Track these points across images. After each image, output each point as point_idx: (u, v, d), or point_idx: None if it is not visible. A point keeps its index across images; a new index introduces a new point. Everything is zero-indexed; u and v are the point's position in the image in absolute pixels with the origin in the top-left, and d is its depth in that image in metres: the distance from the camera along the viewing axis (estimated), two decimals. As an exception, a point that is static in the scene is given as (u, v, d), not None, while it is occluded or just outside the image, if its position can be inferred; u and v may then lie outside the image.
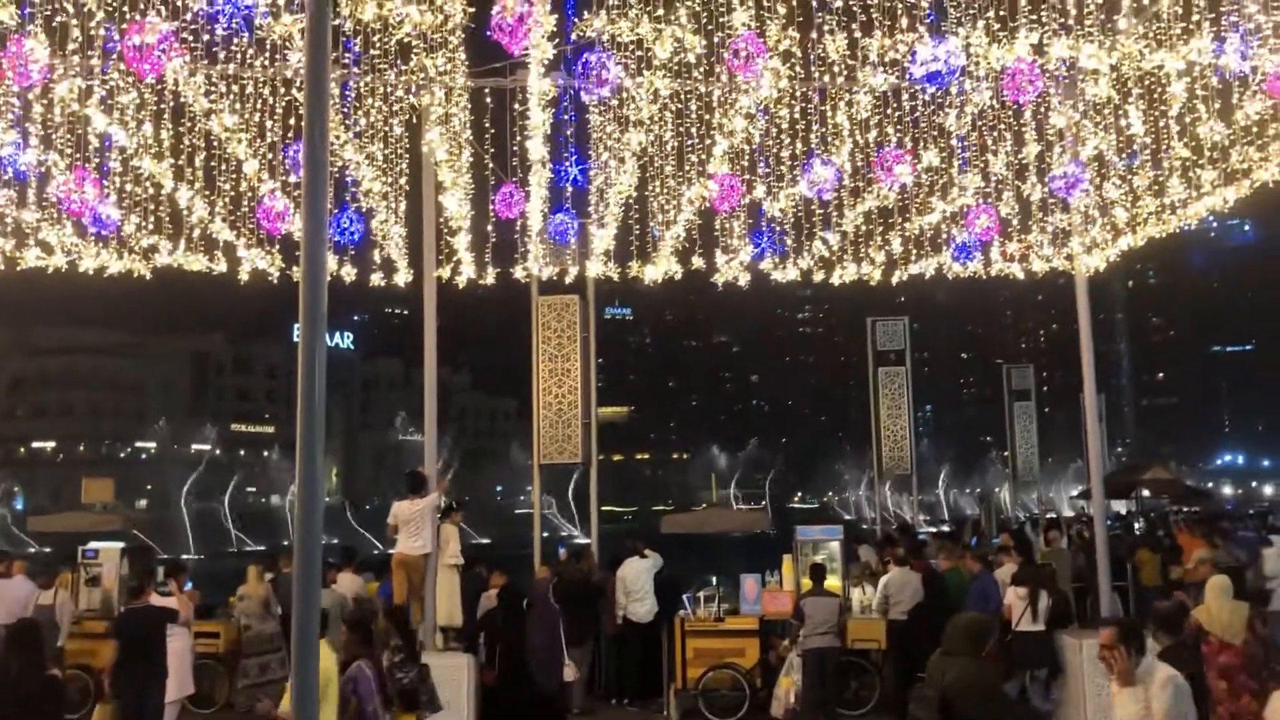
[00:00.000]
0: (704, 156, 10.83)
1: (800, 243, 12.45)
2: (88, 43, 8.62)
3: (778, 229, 12.18)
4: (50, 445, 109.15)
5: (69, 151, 10.29)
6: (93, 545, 15.60)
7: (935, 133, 10.80)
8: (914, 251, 12.89)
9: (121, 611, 12.48)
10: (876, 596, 14.14)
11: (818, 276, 13.10)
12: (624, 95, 10.07)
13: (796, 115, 10.59)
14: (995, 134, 11.13)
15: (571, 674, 11.35)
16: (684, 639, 13.95)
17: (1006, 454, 34.24)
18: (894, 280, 13.29)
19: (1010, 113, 10.99)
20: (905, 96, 10.51)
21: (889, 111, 10.48)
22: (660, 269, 13.33)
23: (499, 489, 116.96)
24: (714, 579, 15.19)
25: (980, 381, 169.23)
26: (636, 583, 14.79)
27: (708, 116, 10.58)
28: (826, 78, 9.51)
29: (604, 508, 18.27)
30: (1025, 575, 13.05)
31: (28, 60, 8.10)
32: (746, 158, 11.02)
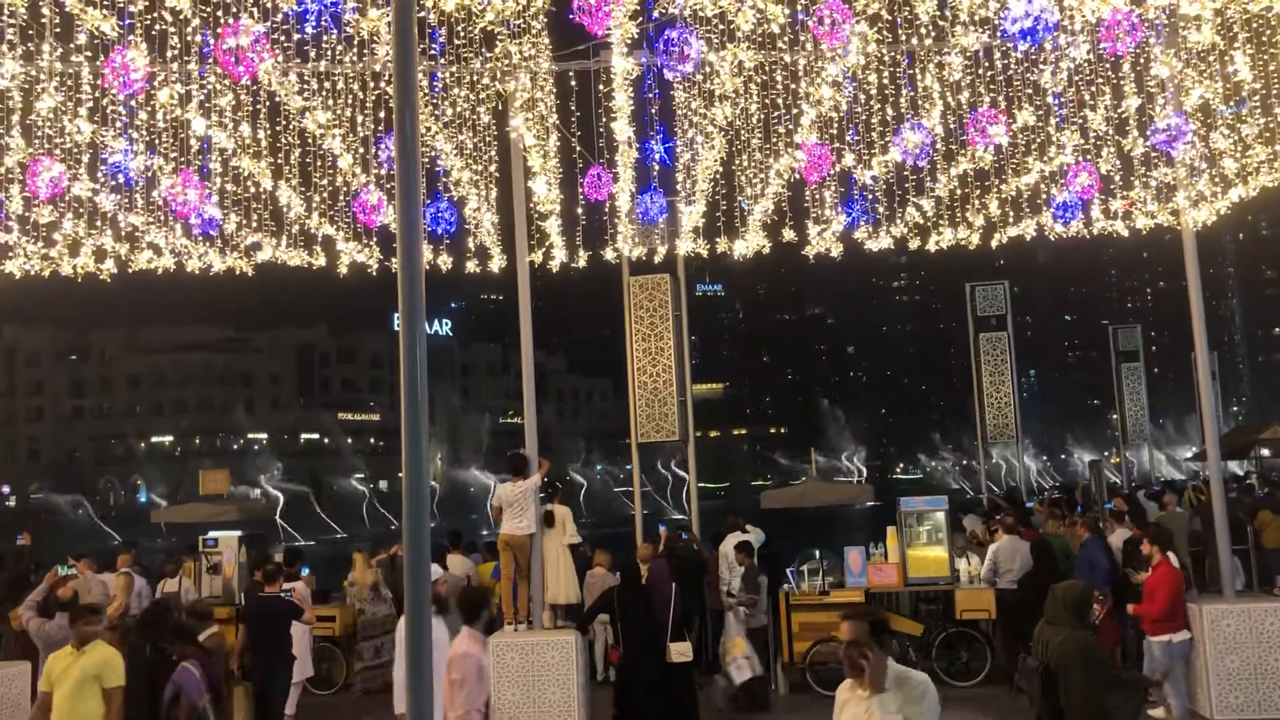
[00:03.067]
0: (791, 127, 10.71)
1: (893, 210, 12.26)
2: (185, 49, 8.87)
3: (870, 197, 12.01)
4: (168, 439, 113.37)
5: (172, 155, 10.62)
6: (212, 534, 16.19)
7: (1030, 91, 10.50)
8: (1012, 213, 12.59)
9: (250, 599, 12.93)
10: (985, 566, 13.93)
11: (913, 244, 12.88)
12: (707, 70, 10.01)
13: (885, 80, 10.40)
14: (1093, 89, 10.78)
15: (681, 655, 11.41)
16: (789, 613, 13.91)
17: (1115, 416, 33.31)
18: (993, 244, 13.00)
19: (1108, 66, 10.63)
20: (997, 55, 10.24)
21: (981, 71, 10.22)
22: (750, 244, 13.27)
23: (598, 469, 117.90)
24: (817, 552, 15.09)
25: (1085, 344, 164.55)
26: (735, 560, 14.76)
27: (793, 86, 10.45)
28: (915, 40, 9.32)
29: (699, 484, 18.29)
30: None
31: (129, 69, 8.37)
32: (835, 126, 10.88)
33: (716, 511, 21.15)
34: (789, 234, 12.68)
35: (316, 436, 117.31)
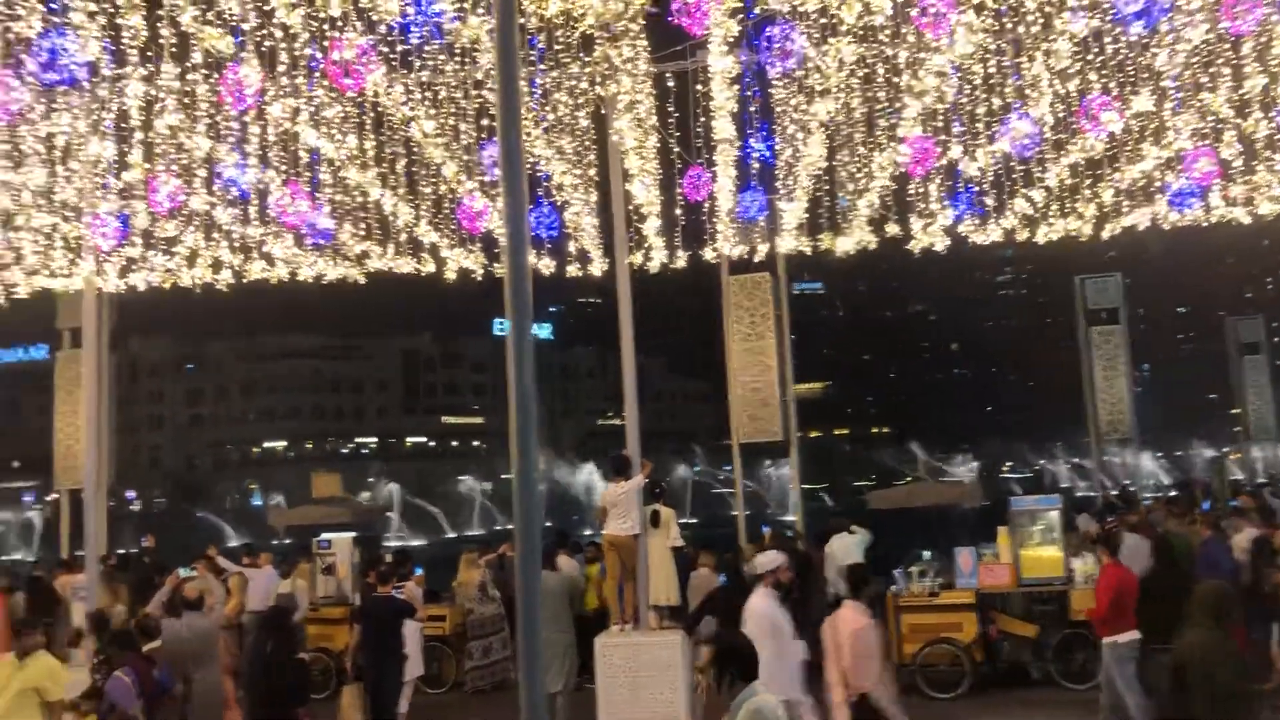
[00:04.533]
0: (895, 121, 10.55)
1: (1001, 202, 11.98)
2: (294, 63, 9.12)
3: (976, 189, 11.75)
4: (281, 444, 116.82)
5: (283, 168, 10.94)
6: (326, 536, 16.59)
7: (1144, 75, 10.14)
8: (1126, 202, 12.19)
9: (364, 600, 13.23)
10: (1102, 566, 13.49)
11: (1021, 235, 12.57)
12: (809, 66, 9.92)
13: (990, 69, 10.17)
14: (1212, 70, 10.37)
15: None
16: (898, 614, 13.69)
17: (1236, 412, 32.04)
18: (1104, 234, 12.61)
19: (1228, 45, 10.22)
20: (1108, 39, 9.92)
21: (1091, 57, 9.92)
22: (853, 240, 13.11)
23: (696, 469, 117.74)
24: (925, 553, 14.81)
25: (1201, 336, 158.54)
26: (847, 559, 14.59)
27: (896, 79, 10.29)
28: (1021, 27, 9.10)
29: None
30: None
31: (243, 85, 8.64)
32: (940, 118, 10.67)
33: (818, 512, 20.95)
34: (893, 229, 12.50)
35: (423, 440, 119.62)
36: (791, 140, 11.36)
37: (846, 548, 14.74)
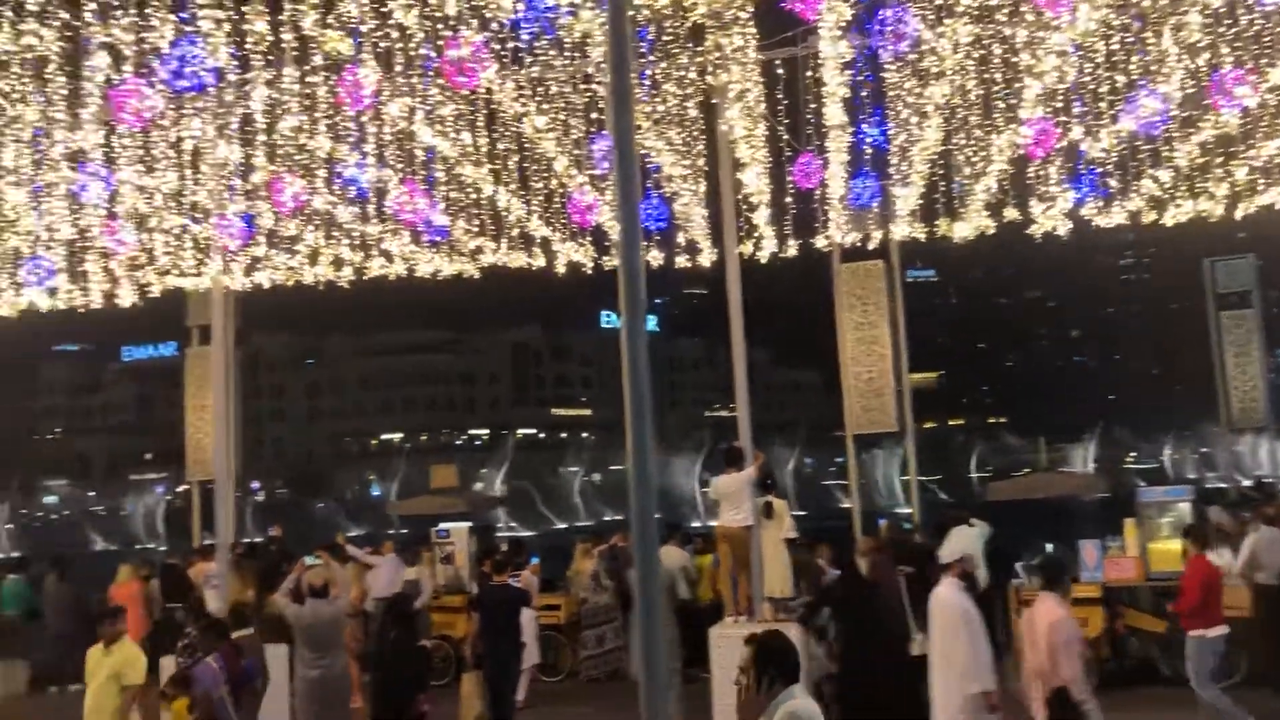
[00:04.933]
0: (1014, 102, 10.26)
1: (1126, 183, 11.55)
2: (409, 63, 9.29)
3: (1100, 171, 11.35)
4: (398, 437, 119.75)
5: (400, 166, 11.17)
6: (443, 526, 16.92)
7: (1281, 46, 9.66)
8: (1261, 180, 11.63)
9: (481, 588, 13.45)
10: (1240, 559, 12.93)
11: (1148, 218, 12.10)
12: (923, 48, 9.71)
13: (1115, 46, 9.80)
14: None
15: (919, 647, 11.15)
16: (1019, 609, 13.34)
17: (1383, 399, 30.35)
18: (1238, 214, 12.06)
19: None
20: (1241, 10, 9.46)
21: (1223, 29, 9.47)
22: (971, 225, 12.80)
23: (807, 461, 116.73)
24: (1048, 546, 14.42)
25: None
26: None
27: (1015, 60, 9.99)
28: (1148, 1, 8.75)
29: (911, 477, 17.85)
30: None
31: (361, 86, 8.84)
32: (1060, 98, 10.33)
33: (932, 504, 20.56)
34: (1012, 213, 12.17)
35: (533, 431, 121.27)
36: (905, 125, 11.14)
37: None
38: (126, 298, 13.53)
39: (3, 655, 16.85)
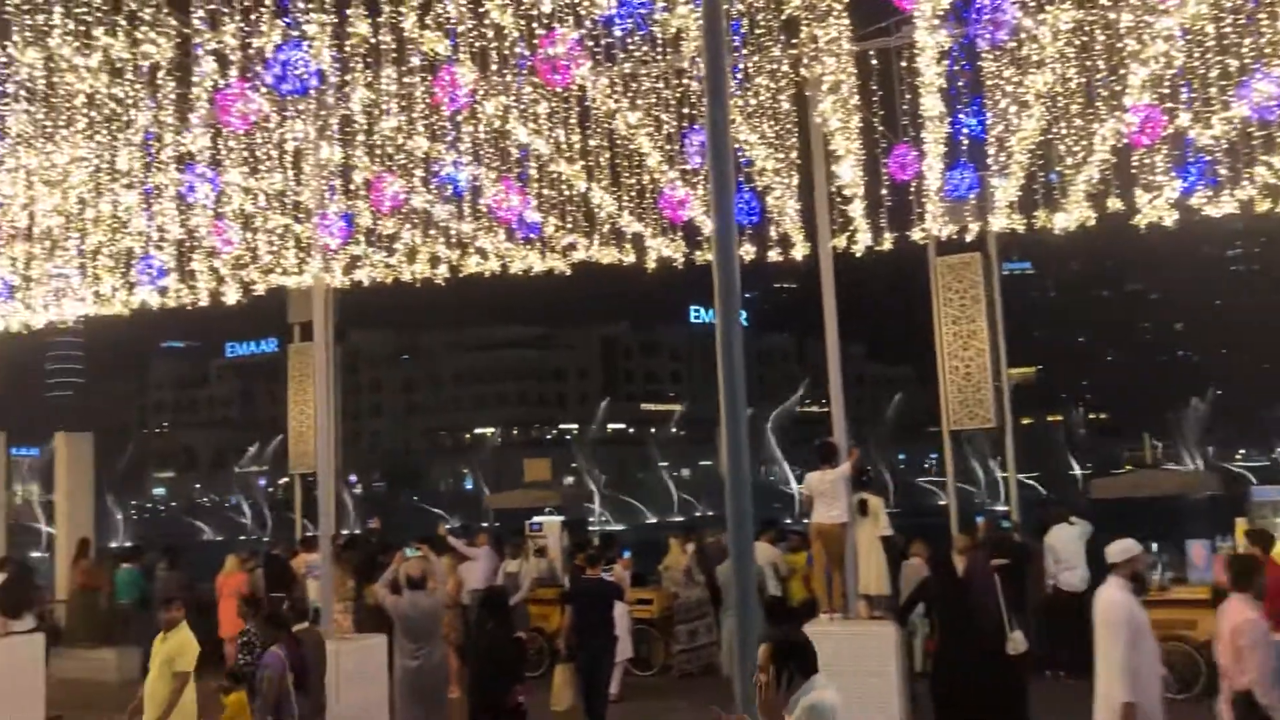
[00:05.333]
0: (1118, 89, 9.97)
1: (1237, 171, 11.13)
2: (504, 61, 9.39)
3: (1209, 159, 10.97)
4: (490, 431, 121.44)
5: (495, 164, 11.31)
6: (537, 519, 17.10)
7: None
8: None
9: (574, 582, 13.59)
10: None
11: (1261, 206, 11.65)
12: (1022, 36, 9.50)
13: (1225, 30, 9.45)
14: None
15: (1022, 645, 10.95)
16: (1124, 610, 12.99)
17: None
18: (1360, 201, 11.56)
19: None
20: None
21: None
22: (1072, 216, 12.48)
23: (901, 457, 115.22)
24: (1154, 545, 14.00)
25: None
26: (1066, 550, 14.01)
27: (1119, 45, 9.71)
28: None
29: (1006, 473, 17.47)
30: None
31: (457, 85, 8.98)
32: (1167, 84, 10.01)
33: (1030, 502, 20.10)
34: (1115, 203, 11.83)
35: (622, 426, 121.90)
36: (1004, 114, 10.90)
37: (1066, 539, 14.12)
38: (231, 296, 13.96)
39: (118, 642, 17.50)
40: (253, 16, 8.03)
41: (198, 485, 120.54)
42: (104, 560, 19.33)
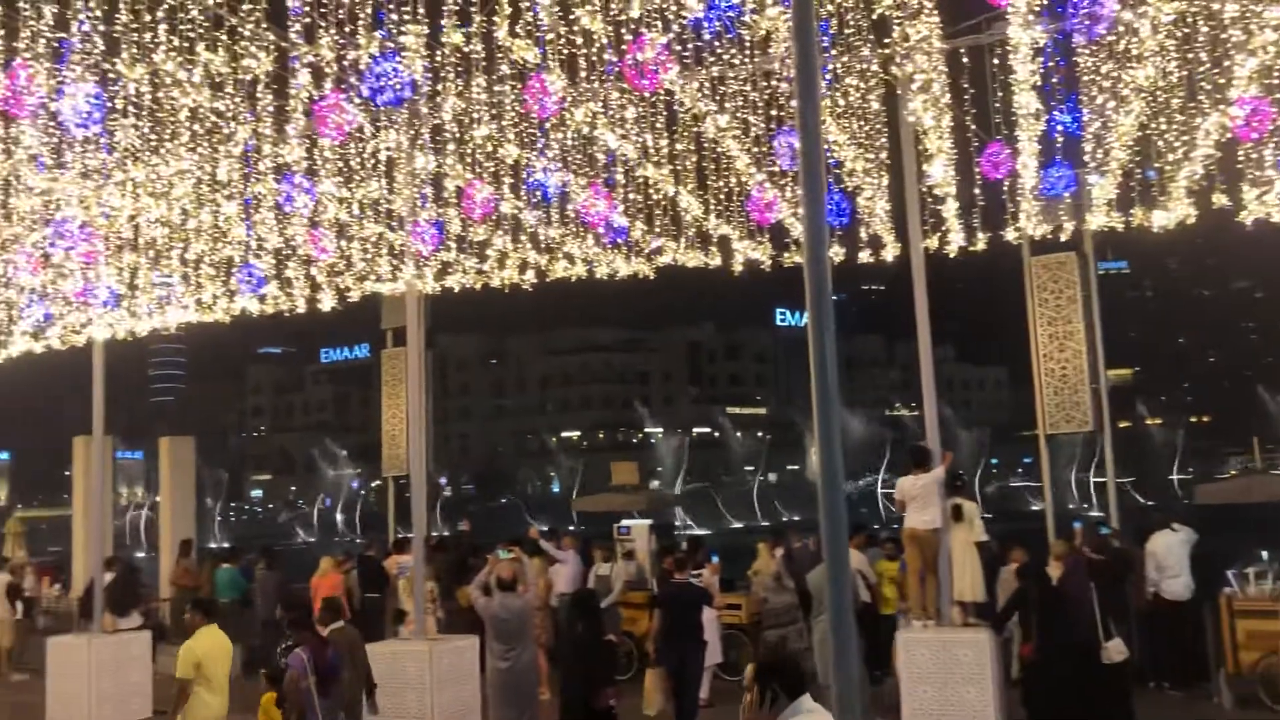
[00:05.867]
0: (1222, 81, 9.64)
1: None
2: (592, 67, 9.45)
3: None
4: (575, 434, 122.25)
5: (584, 169, 11.39)
6: (625, 523, 17.14)
7: None
8: None
9: (662, 586, 13.59)
10: None
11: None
12: (1120, 30, 9.25)
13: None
14: None
15: (1120, 653, 10.68)
16: (1232, 620, 12.57)
17: None
18: None
19: None
20: None
21: None
22: (1173, 213, 12.11)
23: (994, 461, 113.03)
24: (1264, 554, 13.50)
25: None
26: (1169, 558, 13.57)
27: (1224, 36, 9.39)
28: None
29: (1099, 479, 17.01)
30: None
31: (546, 92, 9.05)
32: (1277, 75, 9.65)
33: (1129, 508, 19.51)
34: (1219, 199, 11.45)
35: (707, 430, 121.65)
36: (1101, 110, 10.63)
37: (1169, 546, 13.69)
38: (327, 302, 14.29)
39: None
40: (348, 29, 8.21)
41: (293, 488, 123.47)
42: (204, 560, 19.91)
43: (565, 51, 9.07)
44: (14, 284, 13.57)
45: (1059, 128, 11.18)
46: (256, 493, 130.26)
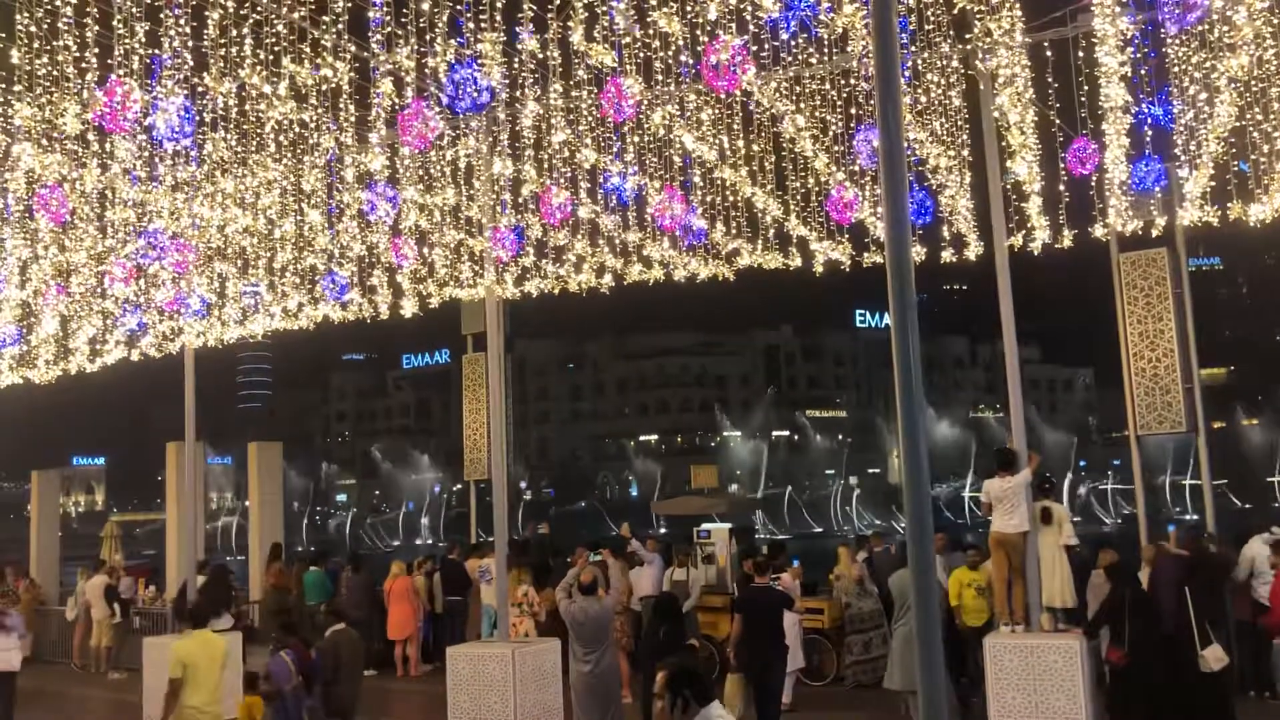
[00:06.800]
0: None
1: None
2: (668, 70, 9.44)
3: None
4: (653, 438, 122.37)
5: (660, 172, 11.39)
6: (705, 526, 17.07)
7: None
8: None
9: (742, 589, 13.50)
10: None
11: None
12: (1214, 19, 8.97)
13: None
14: None
15: (1218, 660, 10.34)
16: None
17: None
18: None
19: None
20: None
21: None
22: (1268, 207, 11.69)
23: (1083, 464, 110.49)
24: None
25: None
26: (1266, 563, 13.11)
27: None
28: None
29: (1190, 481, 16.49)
30: None
31: (623, 96, 9.06)
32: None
33: (1224, 511, 18.90)
34: (1320, 192, 11.03)
35: (786, 434, 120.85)
36: (1193, 102, 10.31)
37: (1266, 552, 13.21)
38: (408, 309, 14.49)
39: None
40: (427, 37, 8.31)
41: (377, 492, 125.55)
42: (293, 563, 20.33)
43: (641, 55, 9.08)
44: (110, 294, 14.00)
45: (1149, 120, 10.89)
46: (341, 497, 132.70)
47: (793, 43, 9.37)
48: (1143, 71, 10.17)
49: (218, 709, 9.70)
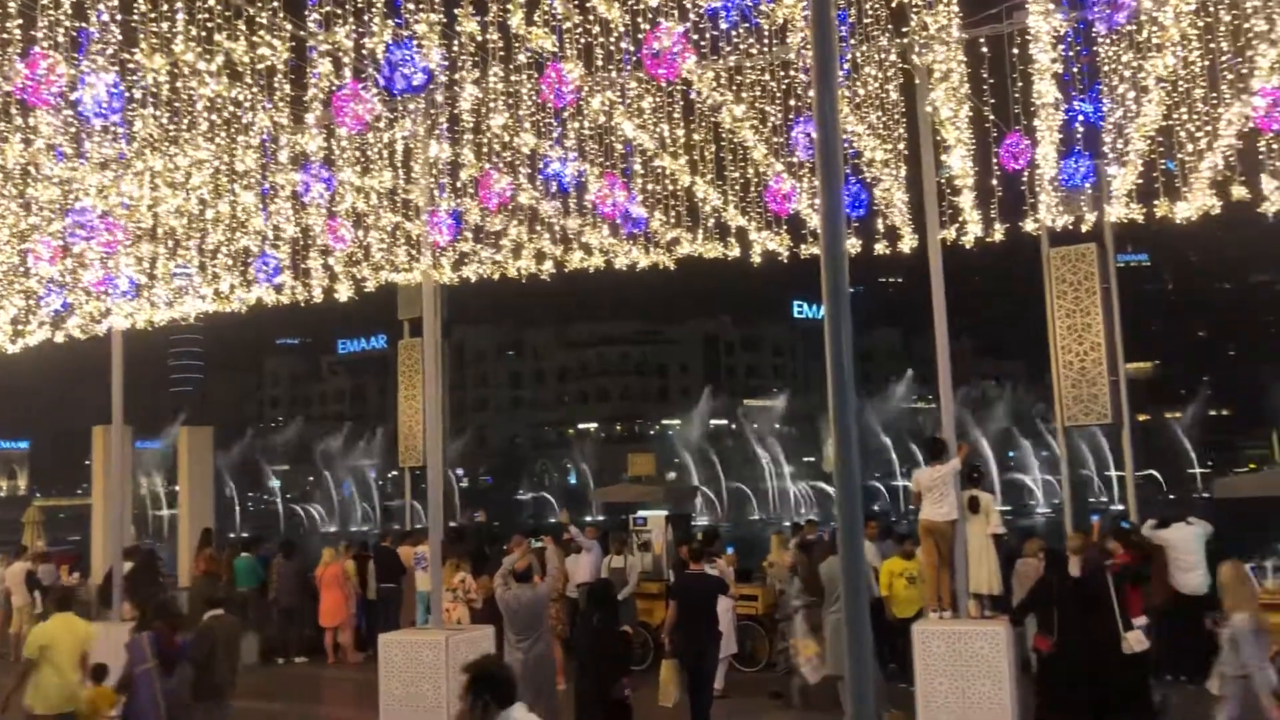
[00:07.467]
0: (1244, 71, 9.55)
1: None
2: (609, 57, 9.41)
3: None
4: (593, 426, 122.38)
5: (600, 160, 11.36)
6: (642, 513, 17.15)
7: None
8: None
9: (678, 576, 13.57)
10: None
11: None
12: (1142, 19, 9.17)
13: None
14: None
15: (1140, 642, 10.62)
16: (1249, 613, 12.45)
17: None
18: None
19: None
20: None
21: None
22: (1193, 205, 12.00)
23: (1010, 455, 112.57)
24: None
25: None
26: (1185, 551, 13.50)
27: (1246, 26, 9.30)
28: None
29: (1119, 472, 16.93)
30: None
31: (563, 81, 9.02)
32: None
33: (1147, 501, 19.44)
34: (1239, 191, 11.35)
35: (724, 422, 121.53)
36: (1122, 100, 10.54)
37: (1185, 539, 13.61)
38: (344, 293, 14.31)
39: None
40: (365, 17, 8.20)
41: (310, 478, 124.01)
42: (224, 549, 20.03)
43: (582, 41, 9.05)
44: (33, 273, 13.63)
45: (1079, 117, 11.10)
46: (275, 483, 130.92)
47: (733, 32, 9.41)
48: (1074, 69, 10.37)
49: (78, 690, 9.72)
